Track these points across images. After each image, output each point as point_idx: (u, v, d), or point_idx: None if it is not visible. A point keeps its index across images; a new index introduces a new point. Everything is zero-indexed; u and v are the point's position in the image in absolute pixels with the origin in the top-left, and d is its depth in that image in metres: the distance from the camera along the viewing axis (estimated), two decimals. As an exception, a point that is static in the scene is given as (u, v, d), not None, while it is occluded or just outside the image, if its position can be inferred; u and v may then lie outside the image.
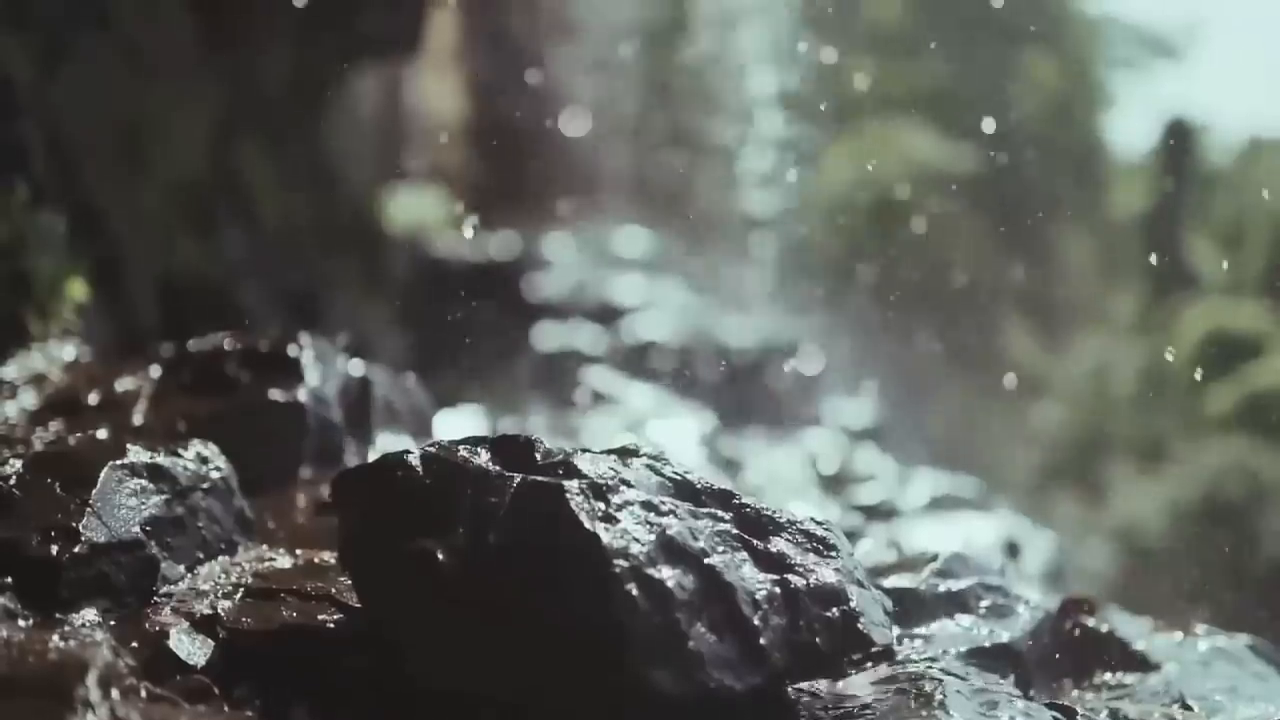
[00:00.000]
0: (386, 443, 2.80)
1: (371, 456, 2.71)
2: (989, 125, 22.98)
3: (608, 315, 7.21)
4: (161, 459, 1.91)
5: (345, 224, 6.71)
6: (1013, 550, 4.03)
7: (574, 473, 1.61)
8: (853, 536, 2.58)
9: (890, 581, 2.02)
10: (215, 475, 1.99)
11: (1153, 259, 25.49)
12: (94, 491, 1.78)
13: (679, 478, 1.68)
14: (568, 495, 1.54)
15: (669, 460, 1.78)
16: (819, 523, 1.76)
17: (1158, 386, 23.23)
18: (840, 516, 2.72)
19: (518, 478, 1.60)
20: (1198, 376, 22.39)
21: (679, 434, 3.22)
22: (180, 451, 1.97)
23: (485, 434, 3.60)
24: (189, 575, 1.85)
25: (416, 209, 9.51)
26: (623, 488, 1.61)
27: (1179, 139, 26.07)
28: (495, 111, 13.98)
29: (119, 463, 1.86)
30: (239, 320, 5.21)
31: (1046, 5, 25.99)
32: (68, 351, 3.03)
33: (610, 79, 12.84)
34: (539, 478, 1.58)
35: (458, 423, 3.53)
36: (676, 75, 13.75)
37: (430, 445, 1.72)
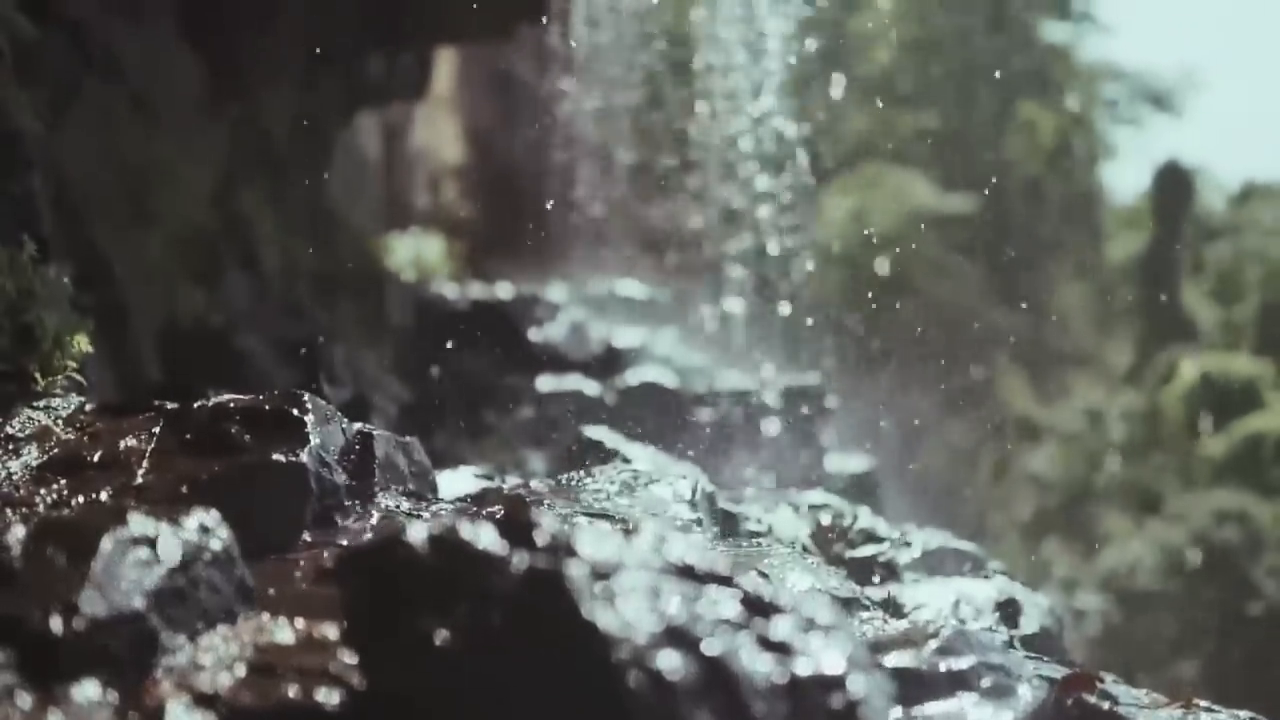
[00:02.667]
0: (388, 503, 2.81)
1: (374, 518, 2.72)
2: (987, 173, 23.16)
3: (608, 364, 7.23)
4: (163, 529, 1.92)
5: (347, 270, 6.75)
6: (1010, 611, 4.02)
7: (575, 554, 1.62)
8: (850, 605, 2.59)
9: (891, 659, 2.02)
10: (216, 545, 1.99)
11: (1148, 307, 25.61)
12: (95, 563, 1.78)
13: (681, 561, 1.69)
14: (567, 581, 1.55)
15: (671, 534, 1.79)
16: (822, 598, 1.76)
17: (1152, 435, 23.26)
18: (838, 582, 2.73)
19: (519, 560, 1.61)
20: (1197, 426, 22.43)
21: (677, 490, 3.22)
22: (182, 520, 1.97)
23: (487, 486, 3.59)
24: (189, 646, 1.85)
25: (418, 254, 9.56)
26: (624, 571, 1.61)
27: (1174, 184, 26.27)
28: (496, 157, 14.07)
29: (121, 533, 1.86)
30: (240, 367, 5.23)
31: (1045, 56, 26.27)
32: (71, 405, 3.04)
33: (611, 125, 12.94)
34: (539, 564, 1.59)
35: (459, 481, 3.53)
36: (677, 121, 13.86)
37: (434, 519, 1.73)
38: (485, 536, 1.69)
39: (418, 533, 1.72)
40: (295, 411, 2.62)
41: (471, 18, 8.66)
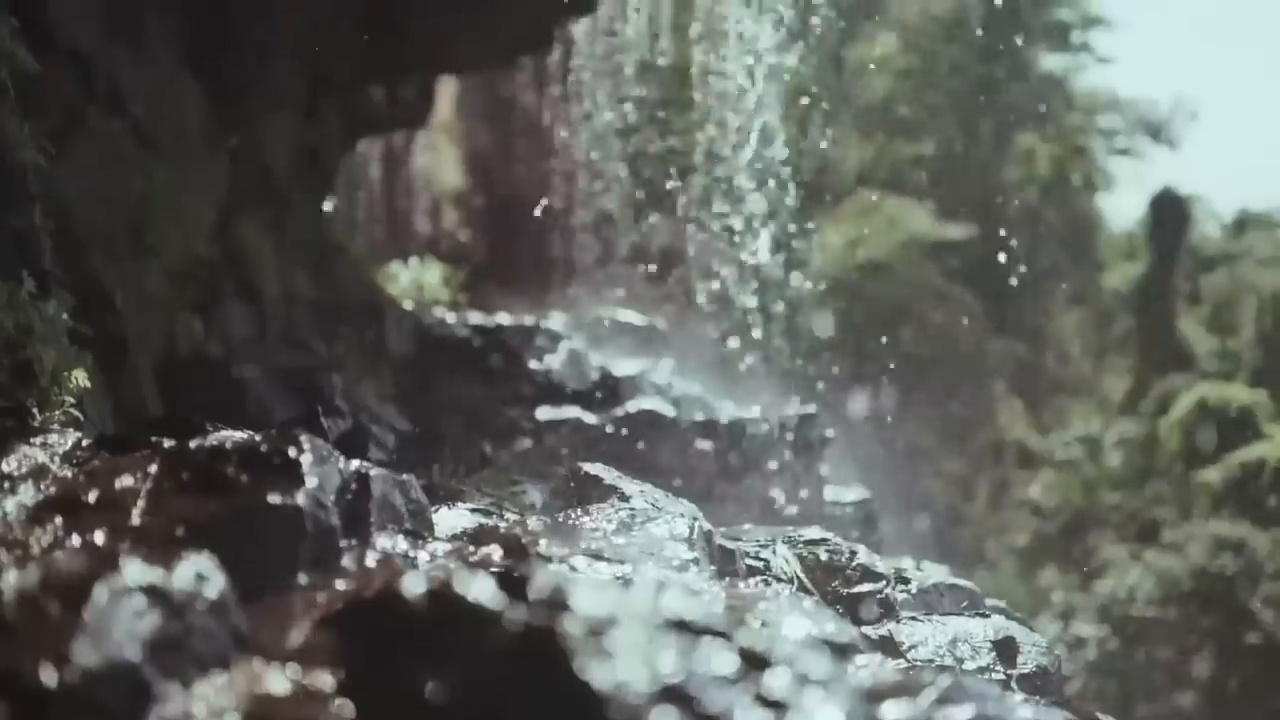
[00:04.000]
0: (385, 543, 2.81)
1: (371, 559, 2.72)
2: (984, 202, 23.24)
3: (606, 393, 7.24)
4: (158, 578, 1.91)
5: (347, 299, 6.76)
6: (1007, 650, 4.01)
7: (570, 609, 1.62)
8: (846, 651, 2.58)
9: (888, 710, 2.02)
10: (211, 593, 1.98)
11: (1145, 335, 25.65)
12: (88, 612, 1.78)
13: (676, 615, 1.69)
14: (562, 639, 1.55)
15: (667, 583, 1.79)
16: (818, 651, 1.76)
17: (1149, 463, 23.26)
18: (835, 627, 2.73)
19: (513, 615, 1.61)
20: (1195, 454, 22.42)
21: (675, 529, 3.22)
22: (177, 567, 1.97)
23: (484, 523, 3.58)
24: (182, 695, 1.85)
25: (418, 281, 9.58)
26: (619, 626, 1.61)
27: (1170, 213, 26.36)
28: (497, 183, 14.11)
29: (115, 582, 1.86)
30: (239, 397, 5.23)
31: (1042, 86, 26.41)
32: (69, 441, 3.04)
33: (611, 153, 12.98)
34: (534, 620, 1.59)
35: (456, 517, 3.52)
36: (676, 150, 13.91)
37: (430, 570, 1.73)
38: (480, 590, 1.69)
39: (413, 585, 1.72)
40: (291, 452, 2.61)
41: (475, 48, 8.71)
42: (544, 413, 6.51)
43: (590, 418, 6.66)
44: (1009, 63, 24.93)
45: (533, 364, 7.06)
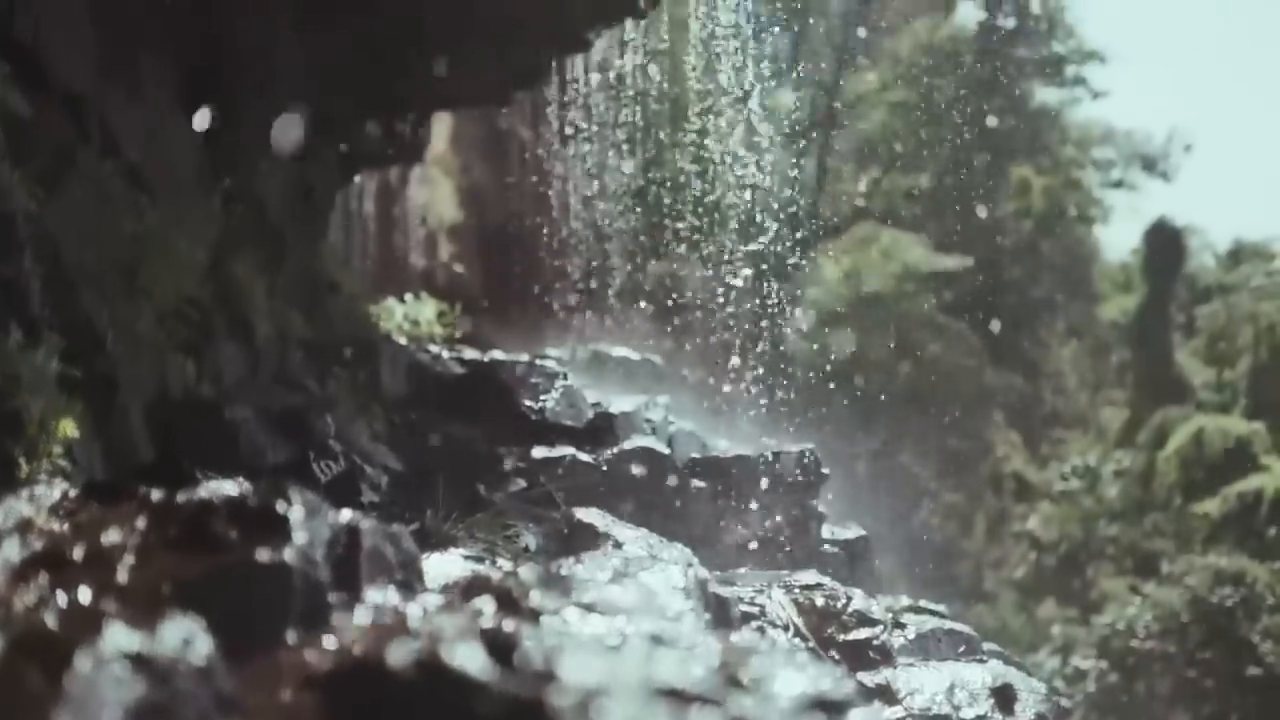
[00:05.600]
0: (375, 597, 2.77)
1: (360, 614, 2.68)
2: (980, 234, 23.31)
3: (601, 430, 7.20)
4: (142, 643, 1.88)
5: (341, 337, 6.74)
6: (1005, 697, 3.98)
7: (558, 678, 1.60)
8: (841, 709, 2.55)
9: (882, 776, 1.99)
10: (197, 657, 1.95)
11: (1141, 367, 25.67)
12: (70, 681, 1.75)
13: (667, 684, 1.66)
14: (550, 711, 1.52)
15: (662, 636, 1.75)
16: (811, 710, 1.73)
17: (1147, 495, 23.22)
18: (831, 682, 2.69)
19: (502, 685, 1.58)
20: (1192, 486, 22.39)
21: (669, 578, 3.19)
22: (162, 631, 1.94)
23: (477, 573, 3.55)
24: (166, 763, 1.81)
25: (412, 317, 9.57)
26: (610, 696, 1.59)
27: (1165, 244, 26.44)
28: (492, 216, 14.14)
29: (98, 648, 1.83)
30: (231, 439, 5.20)
31: (1037, 118, 26.54)
32: (56, 493, 3.01)
33: (606, 186, 13.02)
34: (523, 691, 1.56)
35: (448, 564, 3.50)
36: (671, 183, 13.95)
37: (420, 635, 1.70)
38: (468, 659, 1.66)
39: (401, 654, 1.69)
40: (280, 507, 2.59)
41: (470, 85, 8.74)
42: (539, 451, 6.48)
43: (585, 456, 6.63)
44: (1003, 96, 25.06)
45: (527, 401, 7.04)
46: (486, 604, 2.91)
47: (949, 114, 23.87)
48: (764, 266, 11.64)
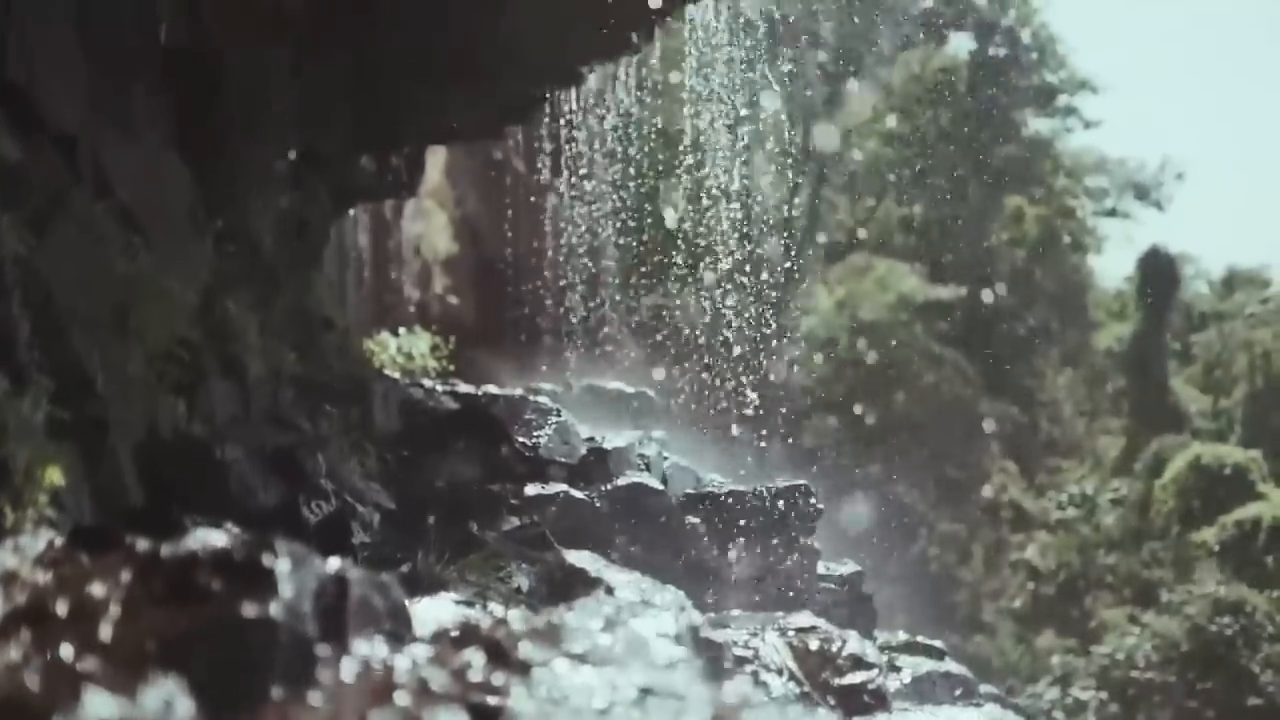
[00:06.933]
0: (363, 649, 2.73)
1: (348, 668, 2.65)
2: (974, 263, 23.36)
3: (595, 466, 7.17)
4: (123, 708, 1.85)
5: (333, 374, 6.72)
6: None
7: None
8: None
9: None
10: (178, 721, 1.92)
11: (1137, 395, 25.66)
12: (50, 750, 1.72)
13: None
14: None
15: (652, 689, 1.72)
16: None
17: (1144, 524, 23.17)
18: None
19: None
20: (1185, 512, 22.35)
21: (660, 625, 3.15)
22: (143, 694, 1.91)
23: (468, 620, 3.52)
24: (146, 831, 1.78)
25: (405, 351, 9.55)
26: (598, 767, 1.55)
27: (1159, 271, 26.50)
28: (486, 249, 14.14)
29: (77, 715, 1.79)
30: (222, 479, 5.17)
31: (1030, 148, 26.66)
32: (41, 543, 2.97)
33: (601, 219, 13.03)
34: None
35: (439, 608, 3.47)
36: (665, 216, 13.97)
37: (406, 679, 1.67)
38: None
39: (384, 722, 1.66)
40: (266, 560, 2.55)
41: (464, 120, 8.76)
42: (532, 488, 6.45)
43: (579, 493, 6.60)
44: (997, 126, 25.18)
45: (521, 438, 7.01)
46: (476, 656, 2.88)
47: (942, 144, 23.97)
48: (758, 297, 11.65)
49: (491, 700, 1.72)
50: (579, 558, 3.72)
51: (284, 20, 6.35)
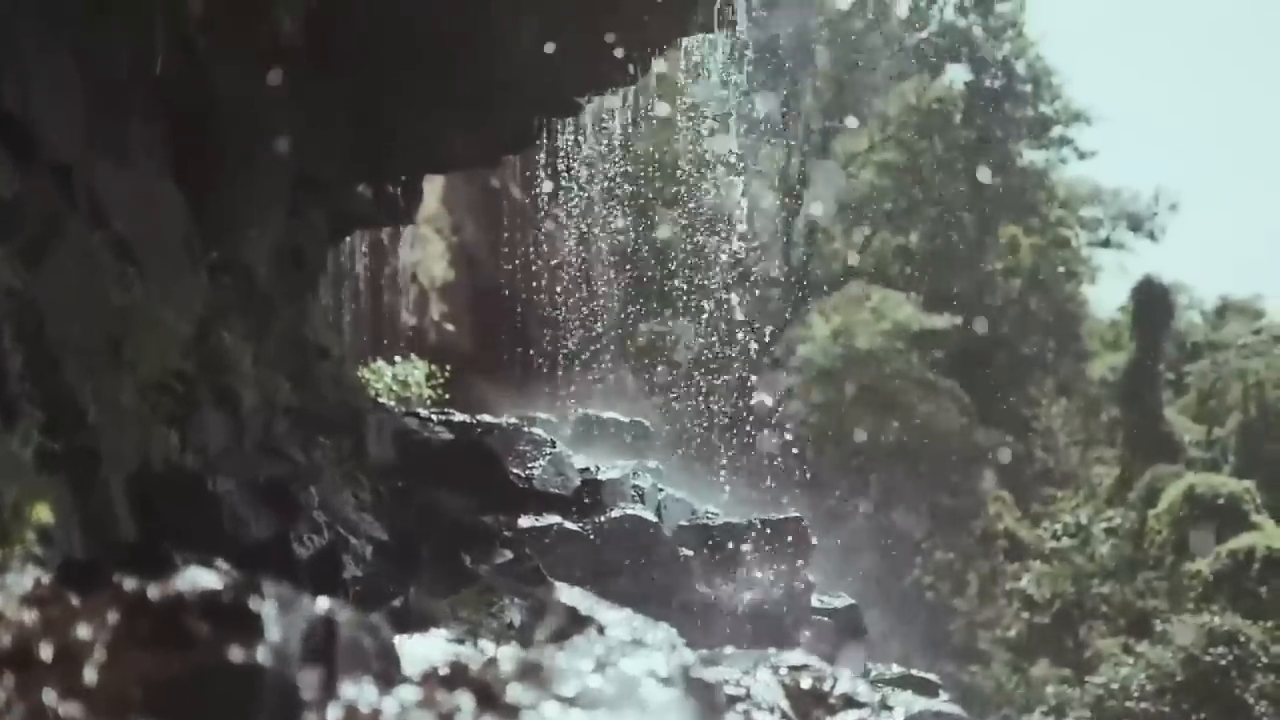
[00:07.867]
0: (351, 693, 2.71)
1: (331, 713, 2.62)
2: (969, 293, 23.41)
3: (589, 497, 7.15)
4: (105, 760, 1.82)
5: (327, 405, 6.70)
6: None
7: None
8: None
9: None
10: (162, 774, 1.90)
11: (1131, 425, 25.67)
12: (30, 804, 1.69)
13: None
14: None
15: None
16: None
17: (1139, 553, 23.13)
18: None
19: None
20: (1184, 545, 22.33)
21: (651, 666, 3.11)
22: (127, 745, 1.88)
23: (458, 659, 3.49)
24: None
25: (401, 379, 9.54)
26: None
27: (1153, 301, 26.56)
28: (483, 276, 14.16)
29: (60, 768, 1.77)
30: (215, 511, 5.14)
31: (1025, 179, 26.78)
32: (28, 582, 2.95)
33: (597, 247, 13.05)
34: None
35: (430, 646, 3.44)
36: (664, 244, 14.00)
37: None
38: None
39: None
40: (253, 604, 2.53)
41: (460, 149, 8.77)
42: (525, 520, 6.43)
43: (572, 525, 6.58)
44: (992, 156, 25.29)
45: (515, 469, 6.98)
46: (464, 699, 2.86)
47: (938, 174, 24.06)
48: (754, 326, 11.66)
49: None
50: (570, 595, 3.70)
51: (281, 50, 6.36)
